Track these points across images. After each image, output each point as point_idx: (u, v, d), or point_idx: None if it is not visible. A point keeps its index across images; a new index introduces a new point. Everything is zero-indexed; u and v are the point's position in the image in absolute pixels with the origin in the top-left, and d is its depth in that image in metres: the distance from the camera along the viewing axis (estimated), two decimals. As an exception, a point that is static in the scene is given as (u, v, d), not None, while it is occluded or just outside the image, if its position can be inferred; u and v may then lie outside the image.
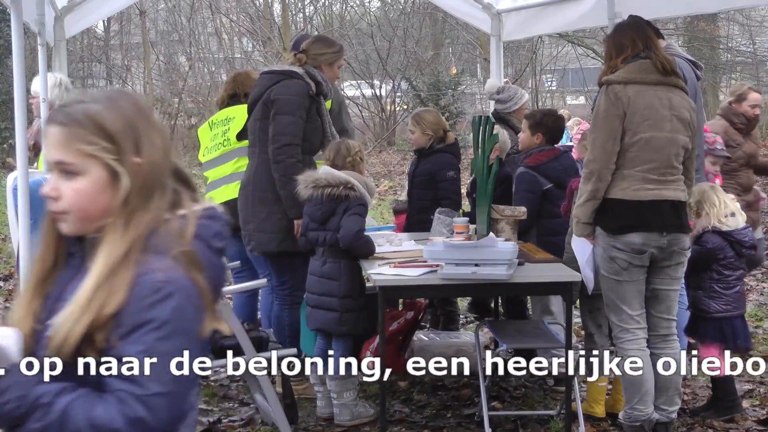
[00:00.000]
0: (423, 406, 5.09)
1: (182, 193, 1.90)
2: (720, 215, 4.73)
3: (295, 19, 23.88)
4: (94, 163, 1.78)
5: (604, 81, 4.23)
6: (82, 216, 1.80)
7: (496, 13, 7.40)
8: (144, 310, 1.72)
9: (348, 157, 4.88)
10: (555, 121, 5.48)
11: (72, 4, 6.60)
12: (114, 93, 1.91)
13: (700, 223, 4.75)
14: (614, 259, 4.23)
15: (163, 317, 1.73)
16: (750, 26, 23.95)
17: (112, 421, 1.69)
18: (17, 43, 4.12)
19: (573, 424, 4.47)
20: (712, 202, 4.75)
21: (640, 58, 4.21)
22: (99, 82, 24.44)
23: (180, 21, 23.88)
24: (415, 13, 22.84)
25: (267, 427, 4.77)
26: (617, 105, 4.16)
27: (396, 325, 5.61)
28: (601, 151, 4.17)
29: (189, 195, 1.91)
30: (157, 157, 1.83)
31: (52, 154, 1.79)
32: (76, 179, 1.78)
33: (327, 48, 5.41)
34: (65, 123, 1.78)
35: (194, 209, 1.88)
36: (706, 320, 4.75)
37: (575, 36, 20.61)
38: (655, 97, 4.18)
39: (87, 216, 1.81)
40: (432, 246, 4.37)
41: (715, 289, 4.72)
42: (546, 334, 4.77)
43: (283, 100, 5.10)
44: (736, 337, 4.76)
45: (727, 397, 4.81)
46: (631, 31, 4.31)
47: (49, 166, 1.80)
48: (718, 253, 4.70)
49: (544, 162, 5.31)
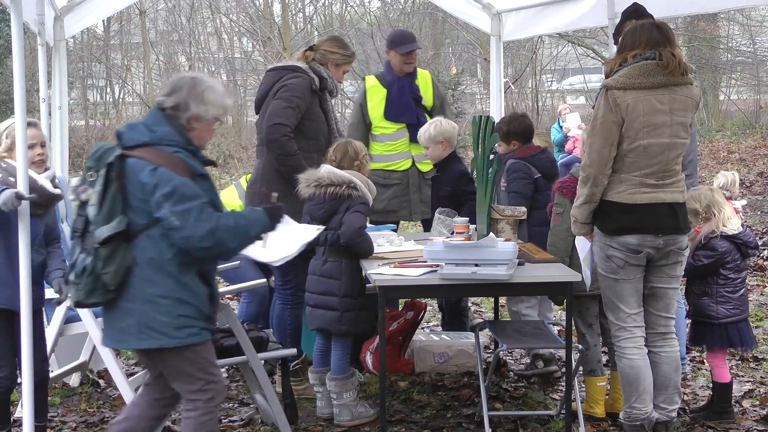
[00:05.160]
0: (423, 406, 5.09)
1: None
2: (725, 219, 4.74)
3: (295, 19, 23.89)
4: None
5: (604, 85, 4.20)
6: None
7: (496, 13, 7.40)
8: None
9: (356, 161, 4.89)
10: (522, 123, 5.56)
11: (72, 4, 6.60)
12: None
13: (707, 227, 4.74)
14: (611, 258, 4.24)
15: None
16: (750, 26, 23.96)
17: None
18: (17, 43, 4.11)
19: (573, 424, 4.47)
20: (719, 206, 4.76)
21: (646, 58, 4.15)
22: (99, 82, 24.45)
23: (180, 21, 23.90)
24: (415, 13, 22.85)
25: (267, 427, 4.77)
26: (615, 111, 4.13)
27: (396, 325, 5.61)
28: (597, 157, 4.16)
29: None
30: None
31: None
32: None
33: (339, 49, 5.43)
34: None
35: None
36: (713, 327, 4.74)
37: (575, 36, 20.62)
38: (656, 102, 4.12)
39: None
40: (432, 246, 4.37)
41: (722, 293, 4.72)
42: (546, 334, 4.77)
43: (282, 90, 5.12)
44: (743, 341, 4.77)
45: (721, 402, 4.81)
46: (650, 27, 4.18)
47: None
48: (727, 257, 4.71)
49: (532, 155, 5.47)
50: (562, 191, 4.69)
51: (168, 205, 3.36)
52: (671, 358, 4.36)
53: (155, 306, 3.41)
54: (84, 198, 3.42)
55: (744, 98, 26.25)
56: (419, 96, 6.23)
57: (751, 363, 5.83)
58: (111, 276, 3.37)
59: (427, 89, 6.31)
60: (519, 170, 5.41)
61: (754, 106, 24.65)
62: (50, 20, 6.28)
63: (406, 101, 6.17)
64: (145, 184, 3.37)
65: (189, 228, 3.37)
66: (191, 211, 3.38)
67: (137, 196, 3.39)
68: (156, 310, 3.41)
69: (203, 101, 3.54)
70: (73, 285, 3.43)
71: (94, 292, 3.40)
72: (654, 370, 4.31)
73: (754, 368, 5.75)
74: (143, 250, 3.41)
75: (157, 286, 3.41)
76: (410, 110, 6.15)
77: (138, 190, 3.39)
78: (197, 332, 3.49)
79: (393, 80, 6.21)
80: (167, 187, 3.36)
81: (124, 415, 3.75)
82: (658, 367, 4.33)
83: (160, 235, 3.40)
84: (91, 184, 3.40)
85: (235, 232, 3.47)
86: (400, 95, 6.17)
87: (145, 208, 3.39)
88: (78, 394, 5.38)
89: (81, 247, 3.43)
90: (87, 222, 3.41)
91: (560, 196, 4.69)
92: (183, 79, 3.62)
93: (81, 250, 3.42)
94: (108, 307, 3.49)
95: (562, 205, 4.65)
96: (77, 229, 3.44)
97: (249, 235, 3.55)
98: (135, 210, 3.40)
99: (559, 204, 4.68)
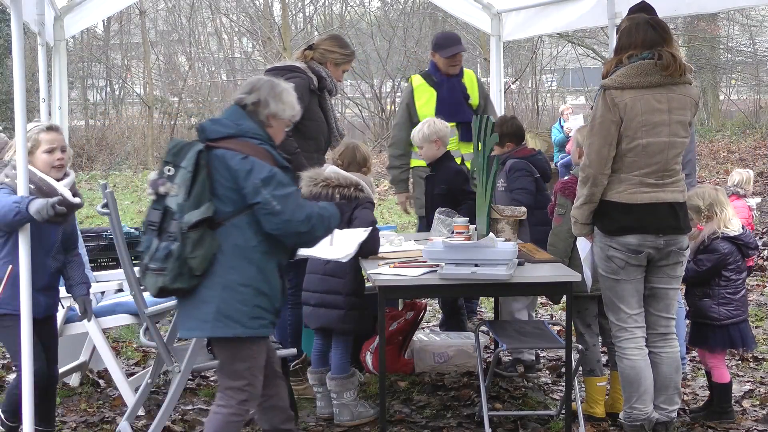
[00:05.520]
0: (423, 406, 5.09)
1: None
2: (726, 219, 4.74)
3: (295, 19, 23.90)
4: None
5: (602, 85, 4.20)
6: None
7: (496, 13, 7.40)
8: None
9: (364, 167, 4.97)
10: (513, 124, 5.63)
11: (72, 4, 6.59)
12: None
13: (709, 226, 4.74)
14: (611, 259, 4.24)
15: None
16: (750, 26, 23.96)
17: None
18: (17, 43, 4.11)
19: (573, 424, 4.47)
20: (722, 205, 4.76)
21: (643, 58, 4.15)
22: (99, 82, 24.45)
23: (180, 21, 23.90)
24: (415, 13, 22.85)
25: (267, 427, 4.77)
26: (614, 111, 4.13)
27: (396, 325, 5.61)
28: (597, 157, 4.16)
29: None
30: None
31: None
32: None
33: (338, 48, 5.40)
34: None
35: None
36: (715, 328, 4.74)
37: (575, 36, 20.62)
38: (654, 101, 4.13)
39: None
40: (432, 246, 4.37)
41: (724, 295, 4.72)
42: (546, 334, 4.77)
43: None
44: (744, 342, 4.77)
45: (721, 402, 4.81)
46: (645, 27, 4.19)
47: None
48: (729, 258, 4.71)
49: (528, 156, 5.57)
50: (563, 192, 4.69)
51: (268, 189, 3.49)
52: (671, 358, 4.36)
53: (235, 293, 3.52)
54: (162, 191, 3.51)
55: (744, 98, 26.26)
56: (467, 95, 6.32)
57: (751, 363, 5.83)
58: (198, 261, 3.47)
59: (473, 88, 6.39)
60: (522, 168, 5.47)
61: (754, 106, 24.66)
62: (50, 20, 6.27)
63: (457, 100, 6.25)
64: (237, 171, 3.50)
65: (289, 212, 3.51)
66: (291, 196, 3.54)
67: (225, 184, 3.51)
68: (235, 298, 3.52)
69: (281, 101, 3.73)
70: (155, 272, 3.51)
71: (180, 277, 3.48)
72: (654, 370, 4.32)
73: (754, 368, 5.75)
74: (228, 237, 3.52)
75: (239, 274, 3.53)
76: (462, 109, 6.23)
77: (226, 178, 3.51)
78: (266, 325, 3.63)
79: (441, 80, 6.29)
80: (265, 173, 3.50)
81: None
82: (659, 367, 4.33)
83: (247, 222, 3.53)
84: (169, 178, 3.50)
85: (322, 222, 3.64)
86: (451, 94, 6.24)
87: (232, 197, 3.52)
88: (78, 394, 5.38)
89: (158, 237, 3.50)
90: (164, 214, 3.49)
91: (562, 196, 4.69)
92: (261, 80, 3.81)
93: (164, 238, 3.48)
94: (187, 296, 3.58)
95: (563, 206, 4.65)
96: (153, 222, 3.52)
97: (330, 227, 3.73)
98: (221, 198, 3.51)
99: (561, 205, 4.68)
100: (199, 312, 3.56)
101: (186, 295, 3.58)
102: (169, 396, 4.24)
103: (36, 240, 4.06)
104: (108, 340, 5.18)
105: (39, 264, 4.12)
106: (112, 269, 5.87)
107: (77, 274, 4.36)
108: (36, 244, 4.08)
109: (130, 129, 21.84)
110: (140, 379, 4.94)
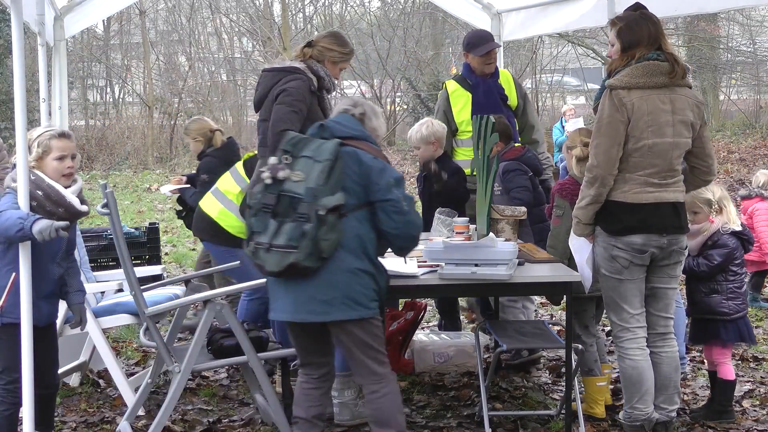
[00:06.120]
0: (423, 406, 5.09)
1: None
2: (733, 214, 4.78)
3: (295, 19, 23.89)
4: None
5: (608, 85, 4.19)
6: None
7: (496, 13, 7.40)
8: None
9: None
10: (501, 124, 5.56)
11: (72, 4, 6.59)
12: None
13: (720, 219, 4.76)
14: (615, 258, 4.23)
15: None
16: (750, 26, 23.94)
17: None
18: (17, 43, 4.10)
19: (573, 424, 4.47)
20: (728, 200, 4.83)
21: (649, 58, 4.15)
22: (99, 82, 24.44)
23: (180, 21, 23.89)
24: (415, 13, 22.84)
25: (267, 427, 4.77)
26: (622, 111, 4.12)
27: (396, 325, 5.61)
28: (605, 157, 4.15)
29: None
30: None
31: None
32: None
33: (337, 46, 5.37)
34: None
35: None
36: (726, 323, 4.74)
37: (575, 36, 20.61)
38: (659, 101, 4.14)
39: None
40: (432, 246, 4.37)
41: (732, 289, 4.74)
42: (546, 334, 4.77)
43: (283, 94, 5.11)
44: (749, 335, 4.80)
45: (722, 401, 4.81)
46: (648, 26, 4.19)
47: None
48: (736, 252, 4.73)
49: (519, 156, 5.62)
50: (561, 193, 4.70)
51: (399, 190, 3.78)
52: (671, 358, 4.36)
53: (358, 278, 3.75)
54: (281, 176, 3.71)
55: (744, 98, 26.23)
56: (505, 96, 6.14)
57: (751, 363, 5.83)
58: (329, 243, 3.67)
59: (510, 88, 6.21)
60: (516, 168, 5.53)
61: (754, 106, 24.64)
62: (50, 20, 6.28)
63: (494, 102, 6.05)
64: (371, 167, 3.77)
65: (414, 215, 3.83)
66: (413, 201, 3.86)
67: (353, 178, 3.76)
68: (358, 282, 3.75)
69: (378, 118, 4.11)
70: (282, 249, 3.65)
71: (310, 256, 3.66)
72: (654, 370, 4.32)
73: (754, 368, 5.75)
74: (351, 227, 3.75)
75: (359, 261, 3.76)
76: (500, 111, 5.98)
77: (356, 173, 3.76)
78: (379, 306, 3.89)
79: (477, 82, 6.11)
80: (396, 174, 3.82)
81: (305, 404, 4.00)
82: (659, 367, 4.34)
83: (366, 217, 3.79)
84: (288, 165, 3.72)
85: (420, 232, 3.92)
86: (487, 97, 6.06)
87: (358, 191, 3.76)
88: (78, 394, 5.38)
89: (274, 218, 3.69)
90: (278, 198, 3.69)
91: (560, 198, 4.69)
92: (359, 99, 4.22)
93: (291, 219, 3.66)
94: (306, 280, 3.73)
95: (561, 207, 4.66)
96: (268, 205, 3.71)
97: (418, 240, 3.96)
98: (349, 191, 3.74)
99: (559, 206, 4.69)
100: (325, 296, 3.74)
101: (306, 277, 3.71)
102: (169, 396, 4.25)
103: (42, 246, 3.98)
104: (108, 340, 5.18)
105: (44, 271, 4.07)
106: (112, 269, 5.87)
107: (75, 281, 4.31)
108: (42, 250, 4.02)
109: (130, 129, 21.82)
110: (140, 379, 4.94)
